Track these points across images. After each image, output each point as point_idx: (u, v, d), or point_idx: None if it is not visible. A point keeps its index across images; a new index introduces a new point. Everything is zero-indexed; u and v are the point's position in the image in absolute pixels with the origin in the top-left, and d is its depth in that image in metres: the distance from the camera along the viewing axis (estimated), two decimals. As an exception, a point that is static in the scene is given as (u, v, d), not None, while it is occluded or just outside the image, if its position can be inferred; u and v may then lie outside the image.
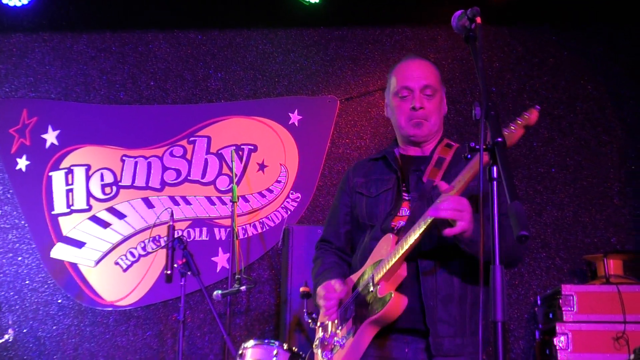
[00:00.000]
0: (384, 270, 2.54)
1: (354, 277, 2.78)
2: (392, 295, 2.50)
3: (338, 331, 2.71)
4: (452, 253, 2.57)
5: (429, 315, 2.55)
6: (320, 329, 2.82)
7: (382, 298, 2.52)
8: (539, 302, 4.90)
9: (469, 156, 2.12)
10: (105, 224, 5.55)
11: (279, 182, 5.53)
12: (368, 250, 2.73)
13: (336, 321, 2.74)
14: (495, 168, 1.89)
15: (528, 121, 2.25)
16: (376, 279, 2.57)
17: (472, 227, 2.38)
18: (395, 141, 2.92)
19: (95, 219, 5.57)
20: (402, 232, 2.57)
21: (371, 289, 2.58)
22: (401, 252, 2.49)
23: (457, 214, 2.36)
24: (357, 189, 2.90)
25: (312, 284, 3.00)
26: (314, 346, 2.85)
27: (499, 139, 1.89)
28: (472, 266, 2.56)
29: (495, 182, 1.89)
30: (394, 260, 2.51)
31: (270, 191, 5.53)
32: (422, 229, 2.43)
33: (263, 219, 5.50)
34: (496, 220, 1.87)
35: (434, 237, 2.57)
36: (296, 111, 5.62)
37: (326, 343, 2.74)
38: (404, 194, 2.74)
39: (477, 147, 1.94)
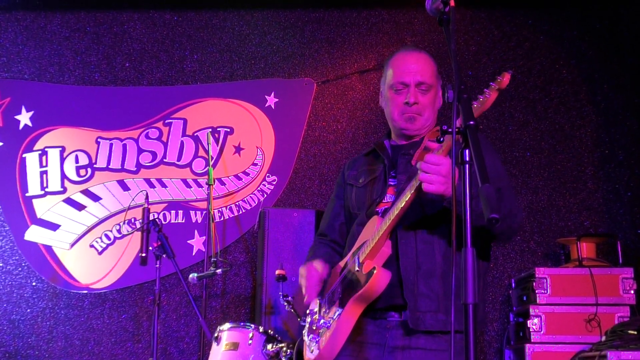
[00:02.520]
0: (369, 249, 2.57)
1: (342, 263, 2.81)
2: (376, 269, 2.52)
3: (325, 315, 2.73)
4: (434, 229, 2.59)
5: (407, 288, 2.56)
6: (309, 315, 2.84)
7: (366, 274, 2.55)
8: (513, 284, 4.95)
9: (442, 139, 2.13)
10: (80, 207, 5.51)
11: (255, 164, 5.52)
12: (355, 236, 2.77)
13: (324, 307, 2.76)
14: (467, 151, 1.90)
15: (500, 84, 2.25)
16: (361, 258, 2.60)
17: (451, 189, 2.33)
18: (388, 133, 2.96)
19: (69, 201, 5.52)
20: (387, 213, 2.58)
21: (357, 269, 2.61)
22: (385, 227, 2.52)
23: (427, 177, 2.34)
24: (348, 181, 2.96)
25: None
26: (303, 333, 2.88)
27: (471, 122, 1.90)
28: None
29: (467, 165, 1.91)
30: (378, 235, 2.54)
31: (247, 174, 5.52)
32: (407, 196, 2.44)
33: (239, 202, 5.49)
34: (468, 204, 1.89)
35: (415, 213, 2.58)
36: (272, 93, 5.60)
37: (314, 327, 2.75)
38: (390, 180, 2.77)
39: (450, 130, 1.96)
